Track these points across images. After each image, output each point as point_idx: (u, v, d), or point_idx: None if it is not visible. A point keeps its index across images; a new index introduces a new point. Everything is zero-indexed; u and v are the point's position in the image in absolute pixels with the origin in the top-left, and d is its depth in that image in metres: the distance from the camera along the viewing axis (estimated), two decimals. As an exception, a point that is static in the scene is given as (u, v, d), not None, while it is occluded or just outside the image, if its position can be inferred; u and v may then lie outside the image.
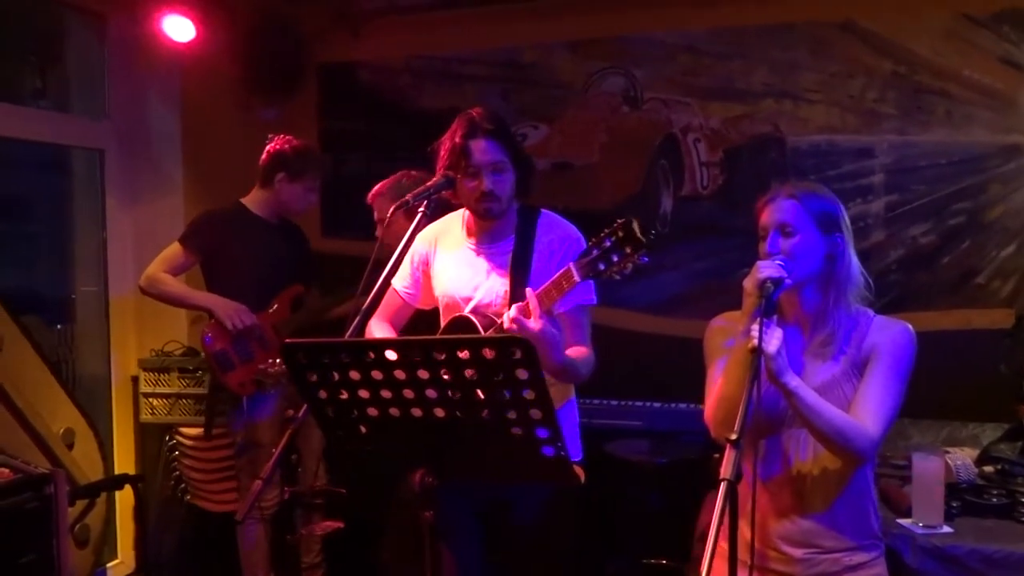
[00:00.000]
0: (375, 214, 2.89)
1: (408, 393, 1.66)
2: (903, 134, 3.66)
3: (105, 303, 4.04)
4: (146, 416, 3.82)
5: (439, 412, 1.67)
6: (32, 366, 3.41)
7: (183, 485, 3.80)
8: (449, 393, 1.63)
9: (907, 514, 2.26)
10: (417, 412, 1.68)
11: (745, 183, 3.90)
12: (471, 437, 1.68)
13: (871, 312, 1.87)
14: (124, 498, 3.96)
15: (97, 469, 3.61)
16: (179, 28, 3.71)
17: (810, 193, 1.86)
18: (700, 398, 3.58)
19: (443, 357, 1.58)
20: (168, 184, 4.04)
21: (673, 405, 3.62)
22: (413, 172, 2.85)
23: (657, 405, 3.62)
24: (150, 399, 3.80)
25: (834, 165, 3.77)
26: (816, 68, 3.75)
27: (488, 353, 1.56)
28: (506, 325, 1.94)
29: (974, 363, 3.33)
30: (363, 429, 1.77)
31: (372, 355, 1.63)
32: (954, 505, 2.28)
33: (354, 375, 1.67)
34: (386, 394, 1.68)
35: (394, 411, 1.70)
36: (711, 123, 3.94)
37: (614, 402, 3.58)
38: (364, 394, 1.70)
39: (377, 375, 1.65)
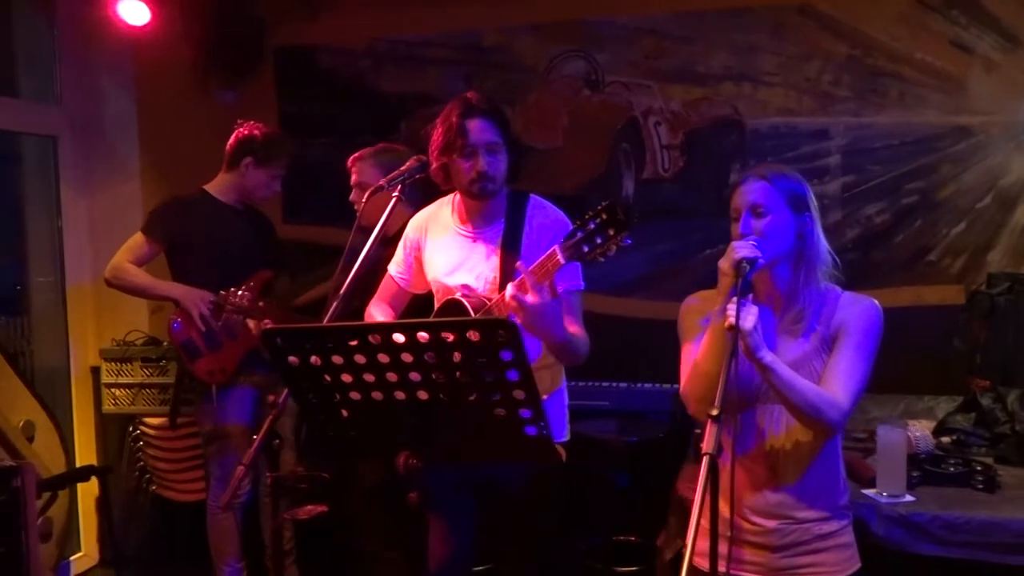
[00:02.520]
0: (352, 177, 2.87)
1: (391, 376, 1.67)
2: (858, 116, 3.74)
3: (62, 293, 3.96)
4: (108, 407, 3.77)
5: (422, 394, 1.68)
6: (-12, 359, 3.35)
7: (148, 475, 3.75)
8: (433, 376, 1.65)
9: (871, 484, 2.33)
10: (400, 395, 1.69)
11: (705, 165, 3.97)
12: (455, 418, 1.70)
13: (839, 289, 1.93)
14: (87, 490, 3.91)
15: (59, 461, 3.56)
16: (133, 11, 3.63)
17: (780, 174, 1.90)
18: (665, 378, 3.69)
19: (427, 340, 1.60)
20: (124, 170, 3.97)
21: (639, 385, 3.69)
22: (397, 146, 2.85)
23: (623, 385, 3.68)
24: (112, 389, 3.74)
25: (792, 147, 3.84)
26: (775, 51, 3.81)
27: (472, 335, 1.57)
28: (506, 298, 1.96)
29: (927, 338, 3.43)
30: (345, 413, 1.77)
31: (355, 339, 1.64)
32: (915, 475, 2.36)
33: (336, 359, 1.68)
34: (369, 378, 1.69)
35: (377, 394, 1.71)
36: (672, 106, 3.98)
37: (581, 383, 3.62)
38: (346, 378, 1.70)
39: (360, 359, 1.66)
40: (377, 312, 2.37)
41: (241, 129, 3.15)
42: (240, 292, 2.97)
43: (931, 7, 3.59)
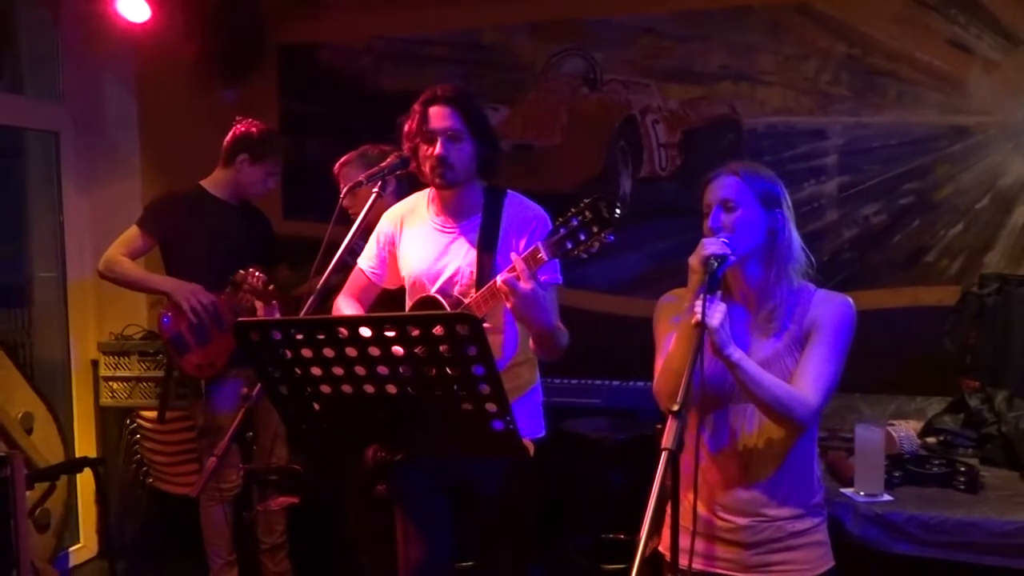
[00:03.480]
0: (340, 181, 2.89)
1: (360, 370, 1.69)
2: (856, 116, 3.73)
3: (63, 287, 4.00)
4: (106, 400, 3.81)
5: (391, 388, 1.70)
6: (-12, 351, 3.39)
7: (145, 468, 3.79)
8: (400, 369, 1.66)
9: (851, 484, 2.33)
10: (369, 388, 1.71)
11: (703, 164, 3.92)
12: (423, 412, 1.72)
13: (812, 287, 1.93)
14: (85, 482, 3.95)
15: (57, 453, 3.59)
16: (134, 8, 3.67)
17: (751, 171, 1.90)
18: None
19: (394, 334, 1.61)
20: (126, 167, 4.01)
21: (632, 383, 3.68)
22: (381, 145, 2.87)
23: (616, 383, 3.68)
24: (110, 383, 3.79)
25: (789, 146, 3.83)
26: (772, 51, 3.80)
27: (438, 330, 1.59)
28: (498, 284, 1.96)
29: (921, 339, 3.41)
30: (316, 406, 1.79)
31: (324, 333, 1.66)
32: (896, 475, 2.35)
33: (306, 353, 1.70)
34: (338, 371, 1.71)
35: (347, 388, 1.73)
36: (670, 105, 3.98)
37: (574, 381, 3.63)
38: (317, 371, 1.72)
39: (329, 352, 1.68)
40: (345, 306, 2.37)
41: (238, 126, 3.19)
42: (256, 273, 2.98)
43: (930, 6, 3.57)
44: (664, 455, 1.52)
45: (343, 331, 1.65)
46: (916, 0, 3.59)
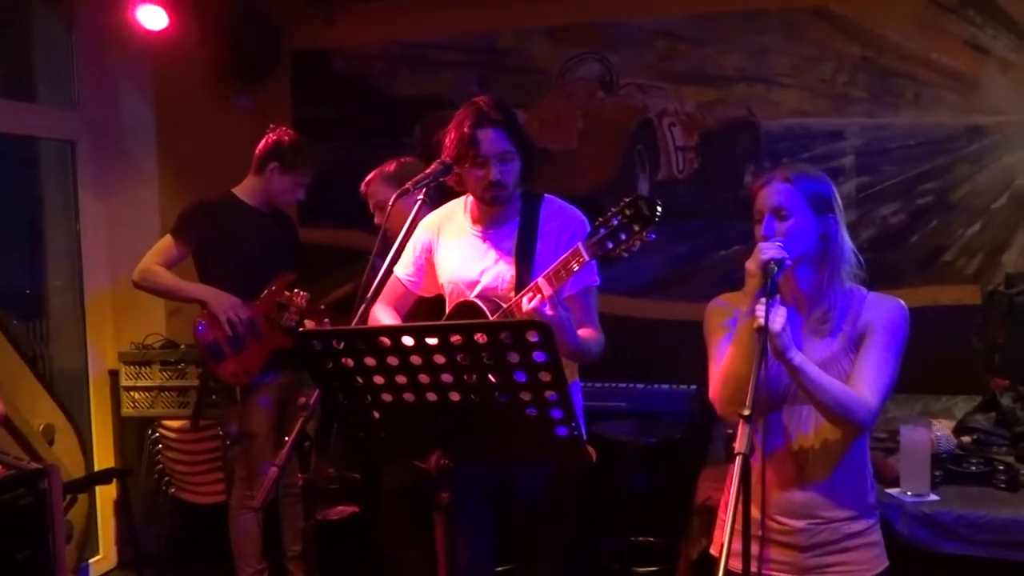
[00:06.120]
0: (370, 201, 2.88)
1: (423, 378, 1.68)
2: (873, 117, 3.76)
3: (80, 297, 3.97)
4: (128, 410, 3.78)
5: (454, 396, 1.69)
6: (9, 362, 3.36)
7: (167, 478, 3.77)
8: (465, 377, 1.66)
9: (894, 484, 2.34)
10: (432, 396, 1.70)
11: (720, 167, 3.98)
12: (486, 419, 1.71)
13: (864, 289, 1.94)
14: (105, 493, 3.93)
15: (78, 465, 3.57)
16: (151, 16, 3.65)
17: (803, 176, 1.91)
18: (681, 379, 3.69)
19: (460, 342, 1.61)
20: (142, 175, 3.98)
21: (655, 386, 3.70)
22: (404, 159, 2.86)
23: (640, 386, 3.70)
24: (131, 392, 3.76)
25: (806, 148, 3.86)
26: (788, 53, 3.83)
27: (505, 337, 1.59)
28: (524, 309, 1.97)
29: (944, 338, 3.43)
30: (376, 415, 1.78)
31: (388, 341, 1.65)
32: (937, 474, 2.37)
33: (369, 361, 1.69)
34: (401, 379, 1.70)
35: (409, 396, 1.72)
36: (686, 108, 4.00)
37: (598, 384, 3.64)
38: (379, 380, 1.71)
39: (393, 361, 1.67)
40: (382, 314, 2.36)
41: (271, 134, 3.18)
42: (301, 293, 3.00)
43: (946, 7, 3.60)
44: (738, 459, 1.52)
45: (409, 340, 1.64)
46: (932, 1, 3.62)
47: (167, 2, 3.66)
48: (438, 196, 2.41)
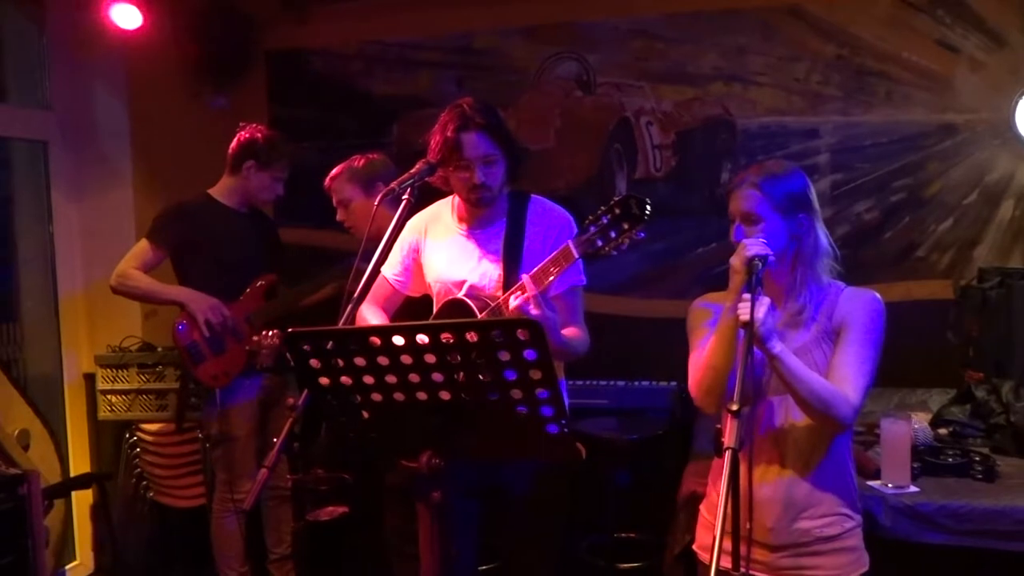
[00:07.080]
0: (334, 197, 2.88)
1: (414, 377, 1.68)
2: (847, 115, 3.81)
3: (54, 300, 3.91)
4: (105, 413, 3.73)
5: (444, 394, 1.69)
6: (-18, 367, 3.32)
7: (145, 482, 3.73)
8: (455, 376, 1.66)
9: (874, 477, 2.37)
10: (422, 396, 1.70)
11: (697, 165, 4.02)
12: (477, 417, 1.71)
13: (841, 284, 1.96)
14: (81, 498, 3.87)
15: (54, 470, 3.52)
16: (125, 15, 3.61)
17: (771, 178, 1.88)
18: (662, 375, 3.71)
19: (451, 340, 1.61)
20: (116, 175, 3.93)
21: (636, 383, 3.72)
22: (371, 155, 2.87)
23: (621, 384, 3.71)
24: (108, 396, 3.71)
25: (782, 146, 3.90)
26: (764, 52, 3.87)
27: (496, 335, 1.59)
28: (510, 309, 1.98)
29: (918, 333, 3.46)
30: (366, 415, 1.78)
31: (378, 341, 1.65)
32: (915, 466, 2.40)
33: (359, 361, 1.68)
34: (391, 379, 1.69)
35: (399, 395, 1.72)
36: (663, 106, 4.03)
37: (579, 382, 3.65)
38: (369, 380, 1.71)
39: (383, 361, 1.66)
40: (370, 315, 2.36)
41: (242, 132, 3.14)
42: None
43: (917, 8, 3.66)
44: (727, 455, 1.53)
45: (399, 339, 1.64)
46: (904, 1, 3.68)
47: (141, 1, 3.62)
48: (422, 196, 2.40)
